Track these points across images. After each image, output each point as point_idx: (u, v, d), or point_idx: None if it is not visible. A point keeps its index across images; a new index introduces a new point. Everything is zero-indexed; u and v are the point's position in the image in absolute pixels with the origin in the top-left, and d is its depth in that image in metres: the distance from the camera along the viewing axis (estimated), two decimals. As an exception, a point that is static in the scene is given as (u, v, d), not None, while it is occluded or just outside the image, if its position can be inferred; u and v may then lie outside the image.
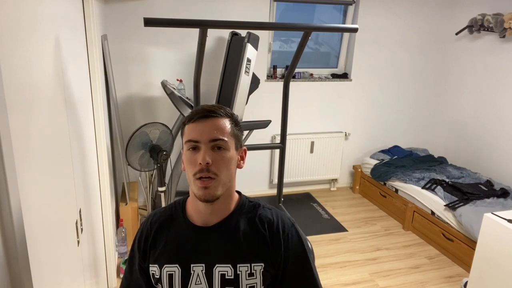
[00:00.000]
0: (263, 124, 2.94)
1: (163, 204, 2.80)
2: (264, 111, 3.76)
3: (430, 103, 4.32)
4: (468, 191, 3.16)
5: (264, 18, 3.55)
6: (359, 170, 4.14)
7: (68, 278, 1.25)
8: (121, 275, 2.67)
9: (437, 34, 4.09)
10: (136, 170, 2.69)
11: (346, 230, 3.42)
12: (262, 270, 0.96)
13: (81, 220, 1.52)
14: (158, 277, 0.98)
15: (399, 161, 3.84)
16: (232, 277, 0.94)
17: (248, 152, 4.03)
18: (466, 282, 2.48)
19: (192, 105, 2.69)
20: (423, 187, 3.35)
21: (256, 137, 3.73)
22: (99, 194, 2.22)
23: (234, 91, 2.82)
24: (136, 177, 3.42)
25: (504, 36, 3.50)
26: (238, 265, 0.95)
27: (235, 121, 0.98)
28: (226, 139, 0.93)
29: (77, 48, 1.75)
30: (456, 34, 3.94)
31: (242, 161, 1.02)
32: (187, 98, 3.00)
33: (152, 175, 3.17)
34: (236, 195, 1.04)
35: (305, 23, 3.78)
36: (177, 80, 3.33)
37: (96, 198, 2.10)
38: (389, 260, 3.01)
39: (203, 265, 0.96)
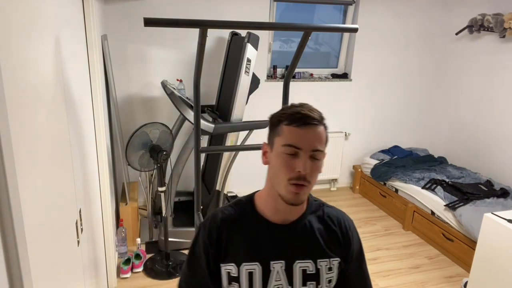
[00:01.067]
0: (263, 124, 2.94)
1: (163, 204, 2.80)
2: (264, 111, 3.74)
3: (430, 103, 4.32)
4: (468, 191, 3.16)
5: (264, 18, 3.55)
6: (359, 170, 4.14)
7: (68, 278, 1.25)
8: (121, 275, 2.67)
9: (437, 34, 4.09)
10: (136, 170, 2.69)
11: (346, 230, 3.42)
12: (338, 264, 1.02)
13: (81, 220, 1.52)
14: (235, 275, 0.98)
15: (399, 161, 3.84)
16: (314, 272, 0.99)
17: (248, 152, 4.00)
18: (466, 282, 2.48)
19: (192, 105, 2.69)
20: (423, 187, 3.35)
21: (256, 137, 3.73)
22: (99, 194, 2.22)
23: (234, 91, 2.82)
24: (136, 177, 3.42)
25: (504, 36, 3.50)
26: (318, 260, 1.00)
27: (326, 125, 0.99)
28: (323, 149, 0.95)
29: (77, 48, 1.76)
30: (456, 34, 3.95)
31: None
32: (187, 98, 3.00)
33: (152, 175, 3.17)
34: None
35: (305, 23, 3.78)
36: (177, 80, 3.33)
37: (96, 198, 2.10)
38: (389, 260, 3.01)
39: (283, 262, 0.98)
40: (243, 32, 2.99)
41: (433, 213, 3.20)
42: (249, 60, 2.76)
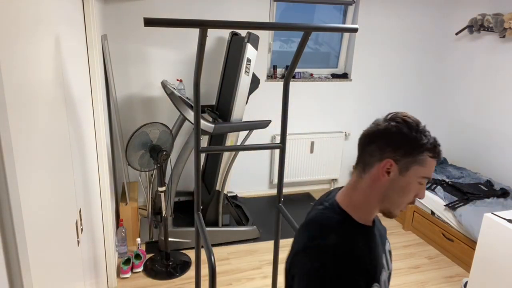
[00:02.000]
0: (263, 124, 2.94)
1: (163, 204, 2.80)
2: (264, 111, 3.76)
3: (430, 103, 4.33)
4: (468, 191, 3.16)
5: (264, 18, 3.55)
6: (359, 170, 4.13)
7: (68, 278, 1.25)
8: (121, 275, 2.67)
9: (437, 34, 4.09)
10: (136, 170, 2.69)
11: (346, 230, 3.42)
12: None
13: (81, 220, 1.52)
14: None
15: (399, 161, 3.84)
16: (390, 248, 1.10)
17: (248, 152, 3.99)
18: (466, 282, 2.48)
19: (192, 105, 2.69)
20: (423, 187, 3.35)
21: (256, 137, 3.73)
22: (99, 194, 2.22)
23: (234, 91, 2.82)
24: (136, 177, 3.42)
25: (504, 36, 3.50)
26: (387, 236, 1.12)
27: None
28: None
29: (77, 48, 1.76)
30: (456, 34, 3.94)
31: None
32: (187, 98, 3.00)
33: (152, 175, 3.17)
34: None
35: (305, 23, 3.78)
36: (177, 80, 3.33)
37: (96, 198, 2.10)
38: (389, 260, 3.01)
39: (384, 254, 1.04)
40: (243, 32, 2.99)
41: (433, 213, 3.20)
42: (249, 60, 2.76)
